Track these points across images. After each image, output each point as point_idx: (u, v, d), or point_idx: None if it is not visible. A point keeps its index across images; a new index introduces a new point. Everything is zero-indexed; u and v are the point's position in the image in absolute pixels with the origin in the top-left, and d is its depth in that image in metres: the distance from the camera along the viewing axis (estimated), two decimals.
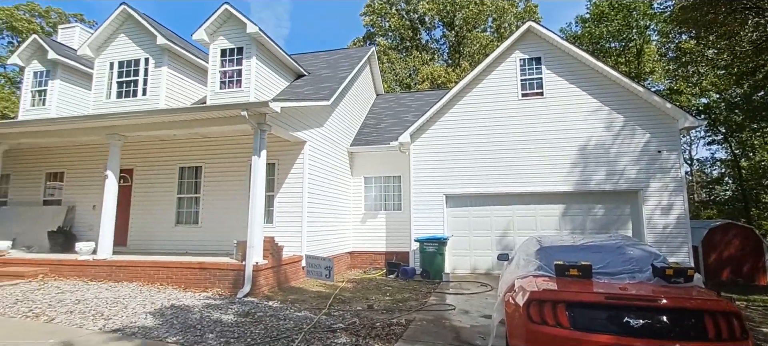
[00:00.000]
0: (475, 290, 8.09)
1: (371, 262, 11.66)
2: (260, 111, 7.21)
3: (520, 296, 3.53)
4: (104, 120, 8.00)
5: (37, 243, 10.03)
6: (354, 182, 12.14)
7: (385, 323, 5.47)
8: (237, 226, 9.36)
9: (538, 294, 3.32)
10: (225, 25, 10.08)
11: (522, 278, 3.95)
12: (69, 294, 6.61)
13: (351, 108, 12.55)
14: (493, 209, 10.46)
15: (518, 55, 10.74)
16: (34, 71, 11.38)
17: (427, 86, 26.21)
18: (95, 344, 4.40)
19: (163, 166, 10.25)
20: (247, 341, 4.59)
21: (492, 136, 10.51)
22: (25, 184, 11.31)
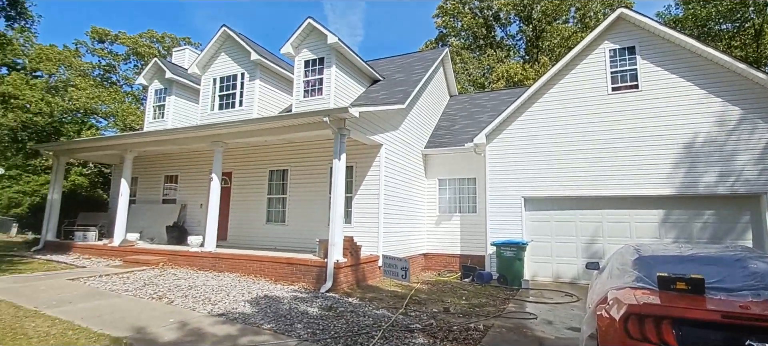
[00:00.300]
0: (559, 300, 7.63)
1: (445, 265, 11.61)
2: (340, 116, 7.65)
3: (615, 309, 3.28)
4: (209, 129, 9.13)
5: (158, 236, 11.78)
6: (428, 184, 12.19)
7: (462, 327, 5.45)
8: (318, 225, 10.01)
9: (637, 308, 3.06)
10: (308, 38, 10.85)
11: (617, 289, 3.67)
12: (183, 281, 7.67)
13: (425, 110, 12.64)
14: (579, 214, 9.74)
15: (607, 46, 9.87)
16: (155, 89, 13.41)
17: (503, 85, 25.23)
18: (205, 325, 5.06)
19: (256, 169, 11.36)
20: (331, 333, 4.91)
21: (577, 135, 9.80)
22: (148, 185, 13.36)
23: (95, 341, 4.27)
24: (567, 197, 9.77)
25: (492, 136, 10.61)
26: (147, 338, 4.43)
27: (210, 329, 4.87)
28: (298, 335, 4.79)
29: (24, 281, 7.26)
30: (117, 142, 11.24)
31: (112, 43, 31.52)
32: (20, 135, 23.78)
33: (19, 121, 23.15)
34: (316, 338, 4.70)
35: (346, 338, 4.73)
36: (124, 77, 32.52)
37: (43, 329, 4.58)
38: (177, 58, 15.58)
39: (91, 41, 31.24)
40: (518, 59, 30.80)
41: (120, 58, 32.30)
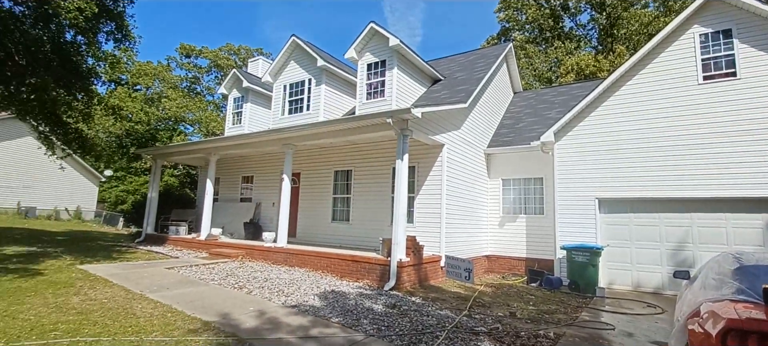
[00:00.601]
0: (641, 311, 7.01)
1: (510, 268, 11.22)
2: (403, 117, 7.77)
3: (710, 324, 2.98)
4: (281, 133, 9.80)
5: (237, 231, 12.90)
6: (491, 184, 11.87)
7: (531, 333, 5.26)
8: (380, 224, 10.26)
9: (739, 322, 2.76)
10: (370, 42, 11.16)
11: (713, 301, 3.32)
12: (259, 273, 8.33)
13: (487, 109, 12.33)
14: (664, 217, 8.84)
15: (697, 30, 8.84)
16: (233, 97, 14.69)
17: (572, 79, 23.63)
18: (280, 315, 5.47)
19: (322, 170, 11.95)
20: (396, 331, 5.04)
21: (661, 131, 8.90)
22: (228, 185, 14.68)
23: (189, 324, 4.84)
24: (649, 198, 8.92)
25: (561, 133, 10.03)
26: (231, 323, 4.92)
27: (284, 319, 5.26)
28: (364, 330, 4.99)
29: (131, 268, 8.41)
30: (203, 146, 12.52)
31: (196, 57, 35.08)
32: (124, 141, 27.46)
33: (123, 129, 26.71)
34: (381, 334, 4.86)
35: (410, 336, 4.82)
36: (206, 88, 36.01)
37: (148, 311, 5.30)
38: (251, 67, 16.89)
39: (180, 56, 35.04)
40: (590, 50, 28.65)
41: (203, 70, 35.82)
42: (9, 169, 21.96)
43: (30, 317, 4.75)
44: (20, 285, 6.26)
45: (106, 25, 10.36)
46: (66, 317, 4.85)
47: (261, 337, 4.50)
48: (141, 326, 4.63)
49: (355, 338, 4.65)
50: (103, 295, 5.99)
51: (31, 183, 22.88)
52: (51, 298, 5.67)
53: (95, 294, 6.02)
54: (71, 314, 4.96)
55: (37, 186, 23.12)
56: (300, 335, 4.66)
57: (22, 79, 9.32)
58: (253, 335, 4.53)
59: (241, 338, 4.42)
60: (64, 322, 4.65)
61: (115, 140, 27.27)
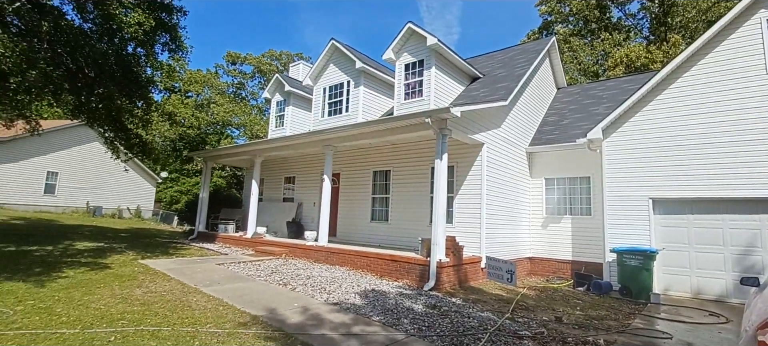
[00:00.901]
0: (701, 320, 6.51)
1: (554, 270, 10.79)
2: (441, 117, 7.72)
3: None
4: (321, 135, 10.07)
5: (280, 230, 13.40)
6: (533, 184, 11.49)
7: (579, 339, 5.05)
8: (419, 224, 10.25)
9: None
10: (408, 42, 11.18)
11: None
12: (302, 271, 8.61)
13: (529, 106, 11.95)
14: (728, 219, 8.14)
15: (764, 16, 8.05)
16: (276, 101, 15.28)
17: (621, 72, 22.31)
18: (323, 312, 5.63)
19: (361, 170, 12.13)
20: (437, 331, 5.03)
21: (723, 125, 8.20)
22: (272, 185, 15.28)
23: (239, 317, 5.11)
24: (711, 198, 8.25)
25: (610, 129, 9.52)
26: (278, 318, 5.14)
27: (327, 315, 5.41)
28: (405, 329, 5.02)
29: (185, 263, 8.99)
30: (248, 148, 13.13)
31: (241, 64, 36.83)
32: (178, 145, 29.37)
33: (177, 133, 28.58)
34: (422, 334, 4.87)
35: (451, 338, 4.79)
36: (251, 93, 37.71)
37: (202, 304, 5.65)
38: (293, 72, 17.47)
39: (227, 64, 36.94)
40: (640, 41, 26.89)
41: (248, 76, 37.53)
42: (80, 172, 24.19)
43: (100, 307, 5.23)
44: (91, 277, 6.90)
45: (162, 37, 11.14)
46: (131, 307, 5.30)
47: (306, 332, 4.66)
48: (196, 318, 4.95)
49: (396, 337, 4.70)
50: (162, 288, 6.47)
51: (99, 185, 25.07)
52: (117, 289, 6.20)
53: (155, 287, 6.51)
54: (135, 305, 5.40)
55: (103, 187, 25.30)
56: (342, 332, 4.78)
57: (92, 90, 10.26)
58: (298, 330, 4.71)
59: (287, 332, 4.61)
60: (129, 312, 5.08)
61: (169, 144, 29.26)
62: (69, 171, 23.65)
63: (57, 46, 9.51)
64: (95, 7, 9.55)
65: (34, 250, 9.25)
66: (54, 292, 5.81)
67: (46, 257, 8.57)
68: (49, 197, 22.77)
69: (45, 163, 22.55)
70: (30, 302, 5.27)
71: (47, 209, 22.25)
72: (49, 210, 22.22)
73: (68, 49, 9.49)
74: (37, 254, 8.83)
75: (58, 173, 23.16)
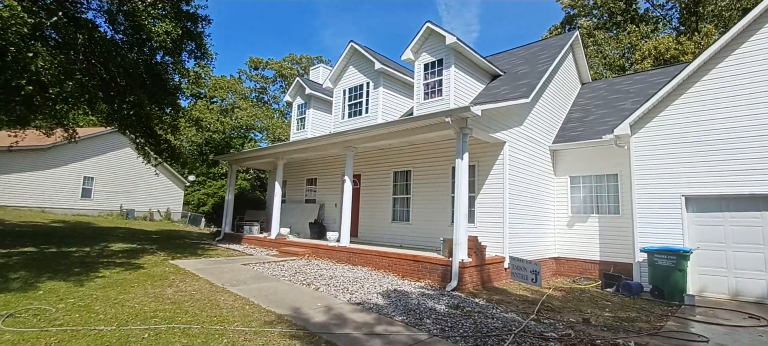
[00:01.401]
0: (740, 323, 6.20)
1: (581, 271, 10.51)
2: (462, 116, 7.66)
3: None
4: (342, 136, 10.17)
5: (303, 230, 13.61)
6: (558, 182, 11.23)
7: (608, 342, 4.91)
8: (440, 224, 10.19)
9: None
10: (427, 42, 11.15)
11: None
12: (325, 271, 8.72)
13: (552, 102, 11.68)
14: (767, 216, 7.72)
15: None
16: (297, 104, 15.54)
17: (650, 65, 21.49)
18: (346, 311, 5.69)
19: (381, 171, 12.17)
20: (460, 332, 4.99)
21: (761, 117, 7.78)
22: (294, 187, 15.55)
23: (265, 316, 5.23)
24: (750, 195, 7.84)
25: (638, 125, 9.19)
26: (302, 317, 5.24)
27: (350, 315, 5.47)
28: (427, 329, 5.01)
29: (213, 263, 9.27)
30: (271, 151, 13.41)
31: (263, 68, 37.64)
32: (204, 149, 30.28)
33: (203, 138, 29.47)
34: (445, 334, 4.85)
35: (474, 338, 4.75)
36: (272, 97, 38.48)
37: (229, 303, 5.82)
38: (313, 75, 17.72)
39: (249, 69, 37.83)
40: (670, 32, 25.82)
41: (269, 81, 38.33)
42: (113, 176, 25.33)
43: (135, 305, 5.47)
44: (125, 277, 7.22)
45: (188, 45, 11.53)
46: (163, 306, 5.51)
47: (329, 332, 4.73)
48: (224, 316, 5.11)
49: (418, 337, 4.70)
50: (191, 287, 6.70)
51: (131, 188, 26.17)
52: (150, 289, 6.46)
53: (185, 286, 6.74)
54: (167, 304, 5.62)
55: (135, 191, 26.39)
56: (365, 331, 4.82)
57: (123, 98, 10.74)
58: (322, 330, 4.78)
59: (311, 331, 4.68)
60: (161, 310, 5.29)
61: (196, 149, 30.21)
62: (103, 176, 24.79)
63: (91, 57, 10.01)
64: (126, 18, 9.98)
65: (74, 251, 9.75)
66: (92, 291, 6.12)
67: (84, 257, 9.02)
68: (86, 201, 23.93)
69: (81, 168, 23.72)
70: (70, 300, 5.56)
71: (84, 212, 23.39)
72: (85, 213, 23.36)
73: (102, 60, 9.97)
74: (76, 255, 9.30)
75: (94, 177, 24.31)
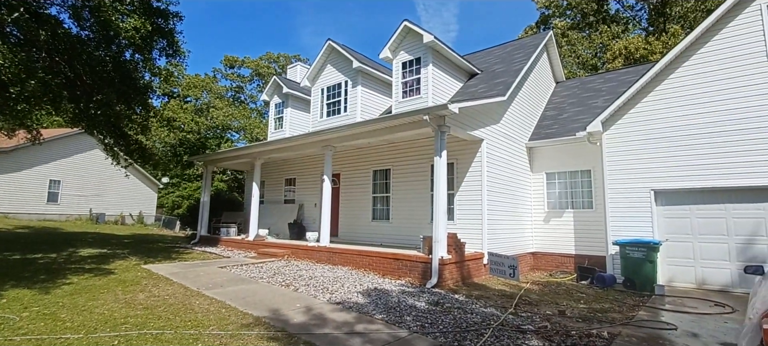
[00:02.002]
0: (706, 310, 6.49)
1: (557, 265, 10.77)
2: (439, 113, 7.71)
3: None
4: (321, 135, 10.06)
5: (282, 231, 13.41)
6: (534, 179, 11.47)
7: (582, 332, 5.04)
8: (420, 222, 10.24)
9: None
10: (405, 40, 11.17)
11: None
12: (304, 271, 8.61)
13: (528, 101, 11.92)
14: (731, 208, 8.11)
15: (765, 1, 8.01)
16: (275, 103, 15.28)
17: (621, 64, 22.26)
18: (326, 311, 5.63)
19: (361, 170, 12.12)
20: (440, 328, 5.02)
21: (725, 114, 8.17)
22: (272, 188, 15.29)
23: (242, 319, 5.11)
24: (714, 188, 8.22)
25: (610, 122, 9.49)
26: (281, 319, 5.14)
27: (330, 315, 5.41)
28: (408, 326, 5.02)
29: (188, 267, 9.00)
30: (248, 151, 13.14)
31: (239, 67, 36.85)
32: (178, 150, 29.40)
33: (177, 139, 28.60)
34: (425, 331, 4.87)
35: (454, 334, 4.79)
36: (249, 96, 37.73)
37: (204, 306, 5.65)
38: (290, 74, 17.47)
39: (225, 67, 36.96)
40: (639, 32, 26.81)
41: (246, 79, 37.56)
42: (82, 179, 24.27)
43: (104, 312, 5.24)
44: (95, 283, 6.92)
45: (159, 43, 11.14)
46: (134, 311, 5.30)
47: (309, 332, 4.66)
48: (199, 321, 4.96)
49: (399, 335, 4.69)
50: (165, 292, 6.48)
51: (101, 192, 25.14)
52: (121, 294, 6.21)
53: (158, 291, 6.52)
54: (138, 309, 5.41)
55: (105, 194, 25.37)
56: (346, 330, 4.77)
57: (90, 97, 10.28)
58: (302, 330, 4.71)
59: (290, 332, 4.61)
60: (132, 316, 5.09)
61: (170, 150, 29.30)
62: (71, 179, 23.72)
63: (55, 54, 9.54)
64: (92, 14, 9.56)
65: (39, 258, 9.27)
66: (58, 298, 5.83)
67: (50, 264, 8.59)
68: (53, 206, 22.84)
69: (47, 171, 22.62)
70: (35, 308, 5.28)
71: (51, 218, 22.32)
72: (52, 218, 22.29)
73: (66, 58, 9.51)
74: (42, 261, 8.86)
75: (61, 181, 23.23)
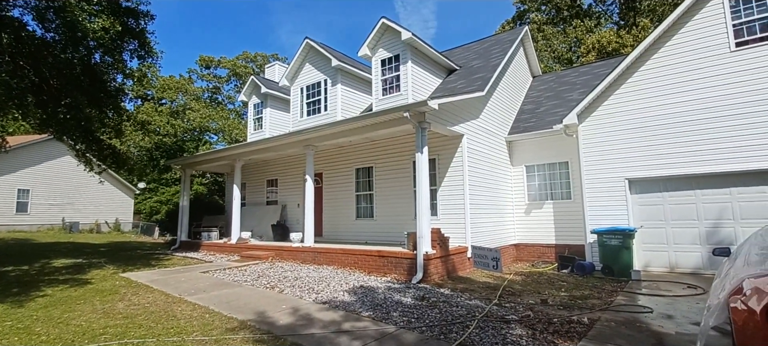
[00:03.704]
0: (680, 292, 6.77)
1: (539, 255, 11.03)
2: (419, 110, 7.76)
3: (755, 300, 2.85)
4: (301, 135, 9.98)
5: (265, 233, 13.23)
6: (514, 172, 11.69)
7: (564, 319, 5.19)
8: (404, 218, 10.29)
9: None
10: (383, 38, 11.17)
11: (757, 277, 3.18)
12: (289, 272, 8.54)
13: (506, 95, 12.12)
14: (700, 194, 8.47)
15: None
16: (253, 103, 15.03)
17: (594, 57, 22.87)
18: (313, 311, 5.61)
19: (343, 169, 12.08)
20: (426, 322, 5.07)
21: (692, 104, 8.51)
22: (254, 189, 15.07)
23: (226, 323, 5.03)
24: (684, 175, 8.57)
25: (585, 114, 9.76)
26: (267, 321, 5.09)
27: (317, 314, 5.39)
28: (394, 322, 5.05)
29: (169, 273, 8.79)
30: (227, 153, 12.90)
31: (215, 67, 36.03)
32: (154, 154, 28.56)
33: (152, 142, 27.76)
34: (411, 325, 4.91)
35: (440, 327, 4.85)
36: (227, 97, 36.96)
37: (187, 313, 5.54)
38: (269, 73, 17.22)
39: (200, 68, 36.06)
40: (611, 26, 27.60)
41: (223, 80, 36.75)
42: (53, 187, 23.28)
43: (81, 323, 5.07)
44: (70, 294, 6.67)
45: (130, 44, 10.78)
46: (113, 321, 5.15)
47: (296, 333, 4.63)
48: (182, 327, 4.85)
49: (386, 330, 4.72)
50: (145, 300, 6.31)
51: (73, 200, 24.19)
52: (98, 304, 6.01)
53: (138, 299, 6.34)
54: (118, 319, 5.25)
55: (79, 202, 24.42)
56: (333, 329, 4.77)
57: (58, 101, 9.87)
58: (288, 332, 4.67)
59: (276, 335, 4.56)
60: (112, 326, 4.94)
61: (145, 154, 28.43)
62: (41, 188, 22.74)
63: (18, 58, 9.11)
64: (57, 15, 9.16)
65: (10, 270, 8.87)
66: (32, 311, 5.60)
67: (22, 276, 8.24)
68: (22, 216, 21.86)
69: (15, 180, 21.62)
70: (8, 322, 5.06)
71: (21, 228, 21.35)
72: (22, 229, 21.33)
73: (31, 61, 9.10)
74: (13, 274, 8.48)
75: (30, 190, 22.24)
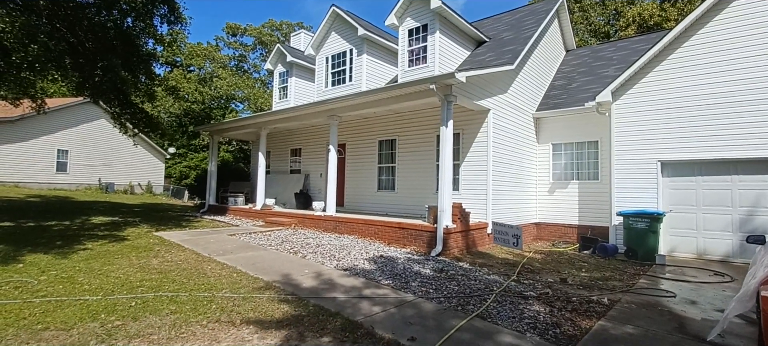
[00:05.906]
0: (706, 279, 6.60)
1: (560, 235, 10.90)
2: (446, 83, 7.61)
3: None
4: (326, 105, 10.01)
5: (288, 201, 13.59)
6: (540, 150, 11.42)
7: (583, 299, 5.17)
8: (425, 192, 10.32)
9: None
10: (411, 6, 10.87)
11: None
12: (311, 240, 8.80)
13: (536, 69, 11.69)
14: (737, 180, 8.08)
15: None
16: (279, 72, 15.11)
17: (633, 31, 21.60)
18: (334, 277, 5.80)
19: (367, 140, 12.12)
20: (444, 293, 5.17)
21: (736, 84, 7.99)
22: (278, 158, 15.38)
23: (253, 283, 5.29)
24: (721, 160, 8.16)
25: (619, 92, 9.33)
26: (291, 283, 5.31)
27: (338, 280, 5.58)
28: (413, 291, 5.17)
29: (198, 234, 9.22)
30: (253, 121, 13.13)
31: (242, 35, 36.20)
32: (183, 120, 29.39)
33: (182, 109, 28.53)
34: (430, 296, 5.02)
35: (458, 299, 4.93)
36: (253, 66, 37.24)
37: (216, 272, 5.84)
38: (294, 42, 17.17)
39: (227, 36, 36.31)
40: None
41: (249, 48, 36.95)
42: (89, 149, 24.47)
43: (120, 275, 5.44)
44: (109, 249, 7.13)
45: (160, 9, 10.95)
46: (149, 275, 5.50)
47: (319, 295, 4.83)
48: (212, 284, 5.14)
49: (405, 299, 4.85)
50: (177, 258, 6.68)
51: (109, 161, 25.40)
52: (135, 259, 6.41)
53: (171, 257, 6.72)
54: (153, 273, 5.61)
55: (114, 164, 25.63)
56: (354, 295, 4.94)
57: (94, 64, 10.23)
58: (312, 294, 4.87)
59: (300, 296, 4.77)
60: (147, 279, 5.28)
61: (175, 120, 29.30)
62: (79, 149, 23.93)
63: (55, 20, 9.42)
64: None
65: (53, 225, 9.52)
66: (75, 263, 6.04)
67: (64, 231, 8.83)
68: (62, 175, 23.18)
69: (54, 141, 22.80)
70: (53, 272, 5.49)
71: (61, 187, 22.70)
72: (62, 187, 22.67)
73: (67, 24, 9.40)
74: (56, 228, 9.10)
75: (69, 150, 23.45)
